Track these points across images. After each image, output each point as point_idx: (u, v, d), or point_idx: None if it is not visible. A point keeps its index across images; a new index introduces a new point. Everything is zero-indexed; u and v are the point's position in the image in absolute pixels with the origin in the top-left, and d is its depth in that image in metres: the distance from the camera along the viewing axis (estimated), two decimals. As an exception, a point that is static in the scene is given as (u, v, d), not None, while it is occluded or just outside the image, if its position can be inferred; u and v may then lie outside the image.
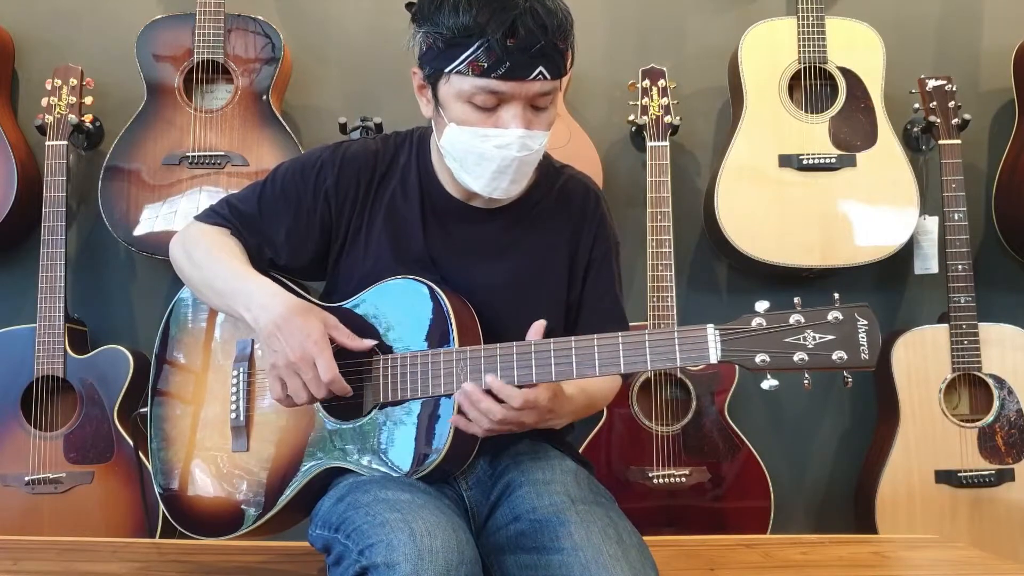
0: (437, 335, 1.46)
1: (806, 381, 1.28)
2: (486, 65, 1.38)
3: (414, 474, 1.44)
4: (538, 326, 1.39)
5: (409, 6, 1.49)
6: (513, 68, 1.38)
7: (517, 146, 1.43)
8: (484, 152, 1.45)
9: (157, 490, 1.67)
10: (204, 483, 1.62)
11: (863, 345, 1.23)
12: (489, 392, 1.35)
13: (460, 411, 1.39)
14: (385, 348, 1.50)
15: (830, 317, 1.24)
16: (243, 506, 1.58)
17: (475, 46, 1.38)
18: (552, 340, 1.36)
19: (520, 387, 1.35)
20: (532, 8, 1.37)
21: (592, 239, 1.64)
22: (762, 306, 1.27)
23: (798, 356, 1.24)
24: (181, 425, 1.66)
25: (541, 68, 1.39)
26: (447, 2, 1.39)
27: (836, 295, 1.28)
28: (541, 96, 1.43)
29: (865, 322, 1.23)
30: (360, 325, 1.52)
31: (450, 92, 1.44)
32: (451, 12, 1.38)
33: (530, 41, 1.37)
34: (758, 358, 1.25)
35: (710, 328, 1.27)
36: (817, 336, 1.24)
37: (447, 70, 1.42)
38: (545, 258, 1.61)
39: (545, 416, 1.40)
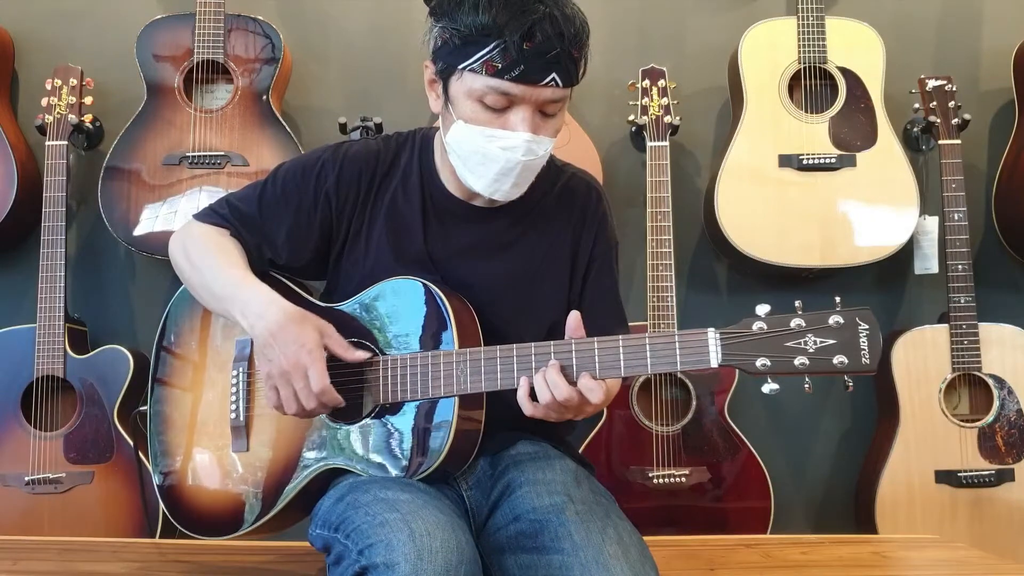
0: (437, 335, 1.46)
1: (807, 385, 1.28)
2: (500, 66, 1.38)
3: (414, 475, 1.44)
4: (575, 317, 1.38)
5: None
6: (527, 72, 1.38)
7: (523, 150, 1.43)
8: (489, 152, 1.45)
9: (157, 481, 1.67)
10: (204, 483, 1.62)
11: (864, 349, 1.23)
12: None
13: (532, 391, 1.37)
14: (385, 349, 1.50)
15: (831, 321, 1.24)
16: (243, 506, 1.57)
17: (491, 46, 1.38)
18: (552, 343, 1.36)
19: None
20: (551, 14, 1.37)
21: (593, 238, 1.64)
22: (763, 310, 1.27)
23: (799, 360, 1.24)
24: (181, 424, 1.66)
25: (554, 75, 1.40)
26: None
27: (837, 299, 1.27)
28: (551, 103, 1.44)
29: (866, 326, 1.23)
30: (359, 326, 1.53)
31: (461, 89, 1.44)
32: (471, 10, 1.38)
33: (546, 47, 1.37)
34: (759, 362, 1.25)
35: (711, 332, 1.27)
36: (818, 340, 1.24)
37: (461, 67, 1.41)
38: (546, 257, 1.61)
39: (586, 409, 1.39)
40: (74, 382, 2.50)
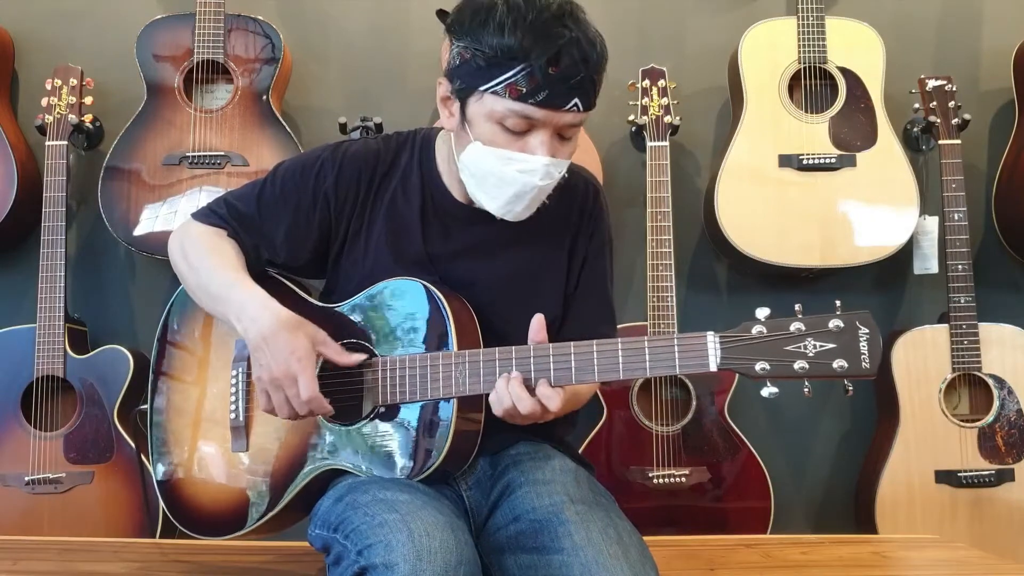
0: (436, 336, 1.46)
1: (806, 389, 1.28)
2: (524, 90, 1.36)
3: (414, 476, 1.44)
4: (539, 320, 1.39)
5: (441, 13, 1.48)
6: (551, 96, 1.37)
7: (541, 173, 1.42)
8: (505, 175, 1.43)
9: (157, 480, 1.67)
10: (205, 482, 1.62)
11: (864, 354, 1.22)
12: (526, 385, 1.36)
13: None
14: (384, 350, 1.50)
15: (831, 325, 1.23)
16: (244, 506, 1.58)
17: (516, 69, 1.36)
18: (551, 345, 1.36)
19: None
20: (577, 39, 1.36)
21: (590, 233, 1.64)
22: (763, 313, 1.27)
23: (798, 364, 1.24)
24: (181, 423, 1.66)
25: (576, 100, 1.39)
26: (492, 20, 1.36)
27: (837, 302, 1.27)
28: (570, 127, 1.43)
29: (866, 330, 1.23)
30: (358, 326, 1.53)
31: (481, 111, 1.41)
32: (496, 31, 1.36)
33: (571, 72, 1.36)
34: (758, 366, 1.25)
35: (710, 335, 1.27)
36: (818, 344, 1.24)
37: (482, 88, 1.39)
38: (545, 257, 1.61)
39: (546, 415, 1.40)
40: (74, 382, 2.50)
